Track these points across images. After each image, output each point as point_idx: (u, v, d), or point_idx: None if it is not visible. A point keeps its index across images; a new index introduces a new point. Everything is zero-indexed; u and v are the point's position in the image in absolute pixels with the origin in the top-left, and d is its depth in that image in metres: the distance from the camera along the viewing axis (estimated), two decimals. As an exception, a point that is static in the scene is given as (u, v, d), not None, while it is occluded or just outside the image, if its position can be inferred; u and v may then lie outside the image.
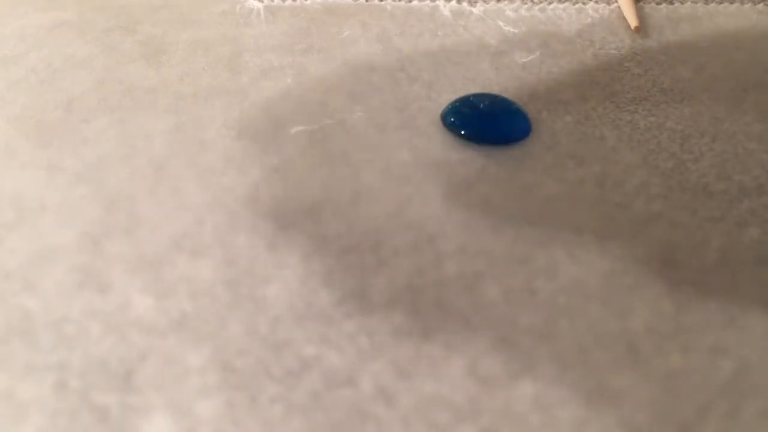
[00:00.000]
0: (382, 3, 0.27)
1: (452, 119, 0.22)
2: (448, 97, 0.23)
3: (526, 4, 0.28)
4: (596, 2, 0.28)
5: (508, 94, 0.23)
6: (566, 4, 0.28)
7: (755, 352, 0.17)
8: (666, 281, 0.18)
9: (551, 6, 0.27)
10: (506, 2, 0.28)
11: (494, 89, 0.24)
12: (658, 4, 0.28)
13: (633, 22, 0.26)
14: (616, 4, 0.28)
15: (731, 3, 0.28)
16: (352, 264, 0.19)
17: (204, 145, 0.22)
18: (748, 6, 0.28)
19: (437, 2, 0.27)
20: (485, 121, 0.22)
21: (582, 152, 0.22)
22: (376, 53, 0.25)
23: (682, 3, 0.28)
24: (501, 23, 0.27)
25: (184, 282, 0.18)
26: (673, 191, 0.21)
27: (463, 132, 0.22)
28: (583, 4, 0.28)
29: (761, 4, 0.28)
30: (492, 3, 0.28)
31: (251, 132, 0.22)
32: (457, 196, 0.20)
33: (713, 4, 0.28)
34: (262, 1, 0.27)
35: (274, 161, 0.21)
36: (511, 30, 0.26)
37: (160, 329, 0.17)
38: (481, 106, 0.23)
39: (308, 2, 0.27)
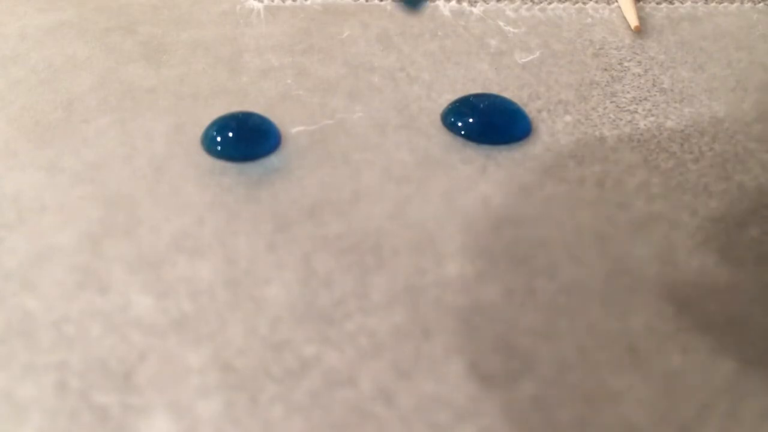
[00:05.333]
0: (382, 3, 0.27)
1: (452, 119, 0.22)
2: (448, 97, 0.23)
3: (526, 4, 0.28)
4: (596, 2, 0.28)
5: (508, 94, 0.23)
6: (566, 4, 0.28)
7: (755, 352, 0.17)
8: (666, 281, 0.18)
9: (551, 6, 0.27)
10: (506, 2, 0.28)
11: (494, 89, 0.24)
12: (658, 4, 0.28)
13: (633, 22, 0.26)
14: (616, 4, 0.28)
15: (731, 3, 0.28)
16: (352, 264, 0.19)
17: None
18: (748, 6, 0.28)
19: (437, 2, 0.27)
20: (485, 121, 0.22)
21: (582, 152, 0.22)
22: (376, 53, 0.25)
23: (682, 3, 0.28)
24: (501, 23, 0.27)
25: (184, 282, 0.18)
26: (673, 191, 0.21)
27: (463, 132, 0.22)
28: (583, 4, 0.28)
29: (761, 4, 0.28)
30: (492, 3, 0.28)
31: (251, 132, 0.22)
32: (457, 196, 0.20)
33: (713, 4, 0.28)
34: (262, 1, 0.27)
35: (273, 161, 0.21)
36: (511, 30, 0.26)
37: (160, 329, 0.17)
38: (481, 106, 0.23)
39: (308, 2, 0.27)
